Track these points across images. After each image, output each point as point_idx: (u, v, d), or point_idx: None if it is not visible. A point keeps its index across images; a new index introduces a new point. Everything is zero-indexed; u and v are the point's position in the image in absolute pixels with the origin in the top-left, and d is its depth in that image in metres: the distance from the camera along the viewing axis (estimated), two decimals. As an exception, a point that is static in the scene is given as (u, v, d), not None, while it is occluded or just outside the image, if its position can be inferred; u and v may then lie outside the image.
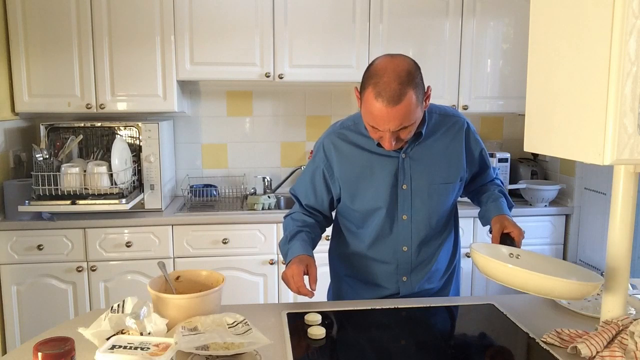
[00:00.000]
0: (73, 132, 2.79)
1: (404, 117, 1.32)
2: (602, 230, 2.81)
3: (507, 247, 1.45)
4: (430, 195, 1.53)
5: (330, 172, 1.59)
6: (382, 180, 1.52)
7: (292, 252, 1.53)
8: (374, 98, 1.32)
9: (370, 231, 1.58)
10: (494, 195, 1.62)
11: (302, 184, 1.67)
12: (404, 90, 1.30)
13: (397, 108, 1.30)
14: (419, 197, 1.53)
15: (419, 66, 1.39)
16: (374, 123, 1.36)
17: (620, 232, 1.21)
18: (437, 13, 2.96)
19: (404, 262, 1.59)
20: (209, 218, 2.75)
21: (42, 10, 2.70)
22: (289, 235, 1.59)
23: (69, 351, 0.99)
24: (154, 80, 2.81)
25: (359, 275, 1.66)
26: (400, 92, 1.29)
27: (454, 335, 1.38)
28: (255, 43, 2.86)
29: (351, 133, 1.56)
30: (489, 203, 1.61)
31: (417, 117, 1.37)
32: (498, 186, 1.69)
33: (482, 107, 3.08)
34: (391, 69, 1.32)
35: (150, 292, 1.29)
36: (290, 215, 1.68)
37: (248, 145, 3.30)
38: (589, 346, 1.16)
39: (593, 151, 1.00)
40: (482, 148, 1.63)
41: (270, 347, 1.20)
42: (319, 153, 1.61)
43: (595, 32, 0.99)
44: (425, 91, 1.39)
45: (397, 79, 1.30)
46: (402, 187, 1.52)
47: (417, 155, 1.51)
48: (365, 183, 1.54)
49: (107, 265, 2.69)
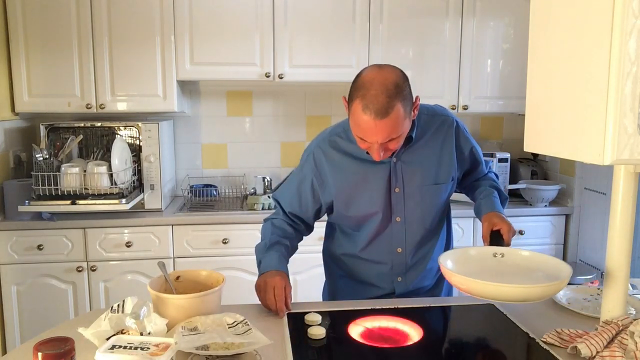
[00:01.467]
0: (73, 132, 2.79)
1: (391, 130, 1.32)
2: (602, 230, 2.81)
3: (493, 247, 1.45)
4: (423, 197, 1.54)
5: (320, 181, 1.56)
6: (375, 186, 1.52)
7: (269, 263, 1.51)
8: (361, 111, 1.30)
9: (364, 234, 1.58)
10: (486, 191, 1.63)
11: (287, 191, 1.65)
12: (392, 103, 1.29)
13: (385, 121, 1.30)
14: (412, 199, 1.53)
15: (407, 77, 1.39)
16: (362, 135, 1.35)
17: (620, 232, 1.21)
18: (437, 13, 2.96)
19: (399, 263, 1.59)
20: (209, 218, 2.75)
21: (42, 10, 2.71)
22: (267, 243, 1.57)
23: (69, 351, 0.99)
24: (154, 80, 2.81)
25: (353, 275, 1.66)
26: (388, 105, 1.29)
27: (454, 335, 1.38)
28: (255, 43, 2.86)
29: (342, 141, 1.55)
30: (481, 199, 1.62)
31: (405, 128, 1.37)
32: (491, 180, 1.69)
33: (482, 107, 3.08)
34: (379, 81, 1.31)
35: (150, 292, 1.29)
36: (272, 221, 1.65)
37: (248, 145, 3.30)
38: (589, 346, 1.16)
39: (593, 151, 1.00)
40: (472, 145, 1.61)
41: (270, 347, 1.20)
42: (308, 163, 1.58)
43: (595, 32, 0.99)
44: (413, 102, 1.39)
45: (385, 91, 1.29)
46: (395, 191, 1.52)
47: (408, 158, 1.52)
48: (359, 190, 1.53)
49: (107, 265, 2.69)
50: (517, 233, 1.53)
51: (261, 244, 1.60)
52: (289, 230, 1.63)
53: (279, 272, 1.48)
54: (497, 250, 1.44)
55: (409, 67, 2.99)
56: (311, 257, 2.21)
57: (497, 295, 1.21)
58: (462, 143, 1.58)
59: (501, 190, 1.66)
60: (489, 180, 1.69)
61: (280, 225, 1.63)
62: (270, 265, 1.51)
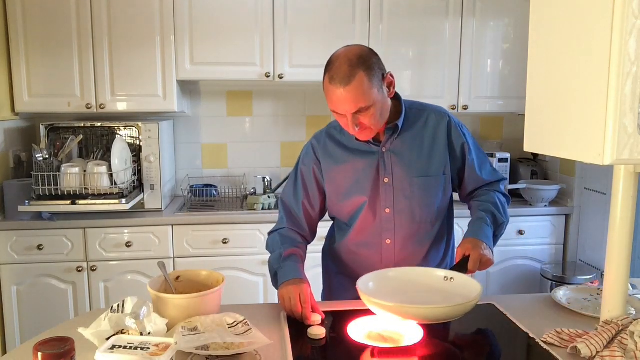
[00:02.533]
0: (73, 132, 2.79)
1: (357, 98, 1.37)
2: (602, 230, 2.81)
3: (447, 271, 1.45)
4: (412, 189, 1.54)
5: (319, 168, 1.61)
6: (364, 175, 1.55)
7: (289, 272, 1.48)
8: (329, 83, 1.39)
9: (355, 224, 1.59)
10: (478, 214, 1.56)
11: (291, 188, 1.66)
12: (354, 71, 1.36)
13: (349, 88, 1.36)
14: (401, 191, 1.54)
15: (376, 53, 1.44)
16: (334, 107, 1.42)
17: (620, 232, 1.21)
18: (437, 13, 2.96)
19: (388, 256, 1.58)
20: (209, 218, 2.75)
21: (42, 10, 2.71)
22: (282, 253, 1.55)
23: (69, 351, 0.99)
24: (154, 80, 2.81)
25: (346, 271, 1.66)
26: (350, 73, 1.36)
27: (454, 335, 1.38)
28: (255, 43, 2.86)
29: (336, 132, 1.61)
30: (471, 222, 1.56)
31: (375, 99, 1.40)
32: (493, 200, 1.59)
33: (482, 107, 3.08)
34: (343, 55, 1.39)
35: (150, 292, 1.29)
36: (278, 232, 1.64)
37: (248, 145, 3.30)
38: (589, 346, 1.16)
39: (593, 151, 1.00)
40: (464, 141, 1.58)
41: (270, 347, 1.20)
42: (307, 154, 1.64)
43: (595, 32, 0.99)
44: (384, 76, 1.43)
45: (347, 62, 1.37)
46: (384, 181, 1.54)
47: (398, 148, 1.54)
48: (349, 179, 1.56)
49: (107, 265, 2.69)
50: (492, 264, 1.49)
51: (274, 255, 1.58)
52: (298, 238, 1.63)
53: (302, 280, 1.46)
54: (448, 274, 1.43)
55: (409, 67, 3.00)
56: (311, 257, 2.17)
57: (403, 314, 1.25)
58: (454, 137, 1.57)
59: (499, 212, 1.57)
60: (489, 201, 1.59)
61: (288, 234, 1.63)
62: (291, 274, 1.48)
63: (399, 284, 1.43)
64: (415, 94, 2.99)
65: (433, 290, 1.42)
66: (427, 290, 1.42)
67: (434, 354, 1.25)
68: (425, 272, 1.49)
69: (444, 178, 1.57)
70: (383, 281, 1.43)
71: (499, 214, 1.57)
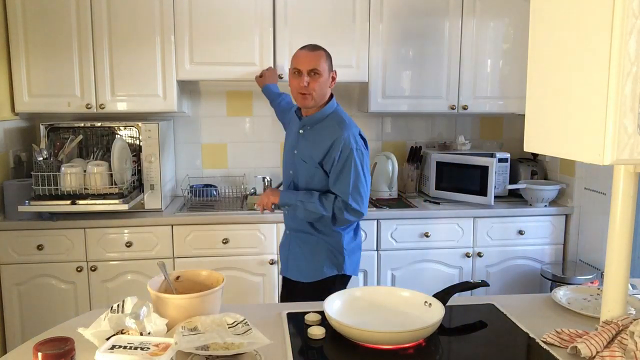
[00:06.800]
0: (73, 132, 2.79)
1: (316, 60, 1.99)
2: (602, 230, 2.81)
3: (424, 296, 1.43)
4: (302, 163, 2.09)
5: None
6: (289, 145, 2.19)
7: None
8: (299, 50, 2.04)
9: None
10: (309, 192, 2.06)
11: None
12: (318, 48, 2.04)
13: (313, 54, 2.01)
14: (300, 162, 2.10)
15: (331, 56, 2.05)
16: (296, 64, 2.01)
17: (620, 232, 1.21)
18: (437, 13, 2.96)
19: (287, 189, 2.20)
20: (209, 218, 2.75)
21: (42, 10, 2.71)
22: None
23: (69, 351, 0.99)
24: (153, 80, 2.81)
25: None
26: (315, 47, 2.04)
27: (454, 335, 1.38)
28: (255, 43, 2.86)
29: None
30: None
31: (324, 73, 2.00)
32: (323, 197, 2.02)
33: (482, 107, 3.08)
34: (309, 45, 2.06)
35: (150, 292, 1.29)
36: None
37: (248, 145, 3.30)
38: (589, 346, 1.16)
39: (593, 151, 1.00)
40: (335, 158, 1.97)
41: (270, 347, 1.20)
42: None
43: (595, 32, 0.99)
44: (332, 69, 2.06)
45: (314, 44, 2.06)
46: (294, 152, 2.13)
47: (306, 135, 2.10)
48: (287, 145, 2.24)
49: (107, 265, 2.69)
50: (269, 200, 2.09)
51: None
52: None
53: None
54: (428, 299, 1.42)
55: (409, 67, 3.00)
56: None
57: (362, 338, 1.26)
58: (334, 153, 1.99)
59: (312, 197, 2.02)
60: (322, 195, 2.04)
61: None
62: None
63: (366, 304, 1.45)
64: (415, 94, 2.99)
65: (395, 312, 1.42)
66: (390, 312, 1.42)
67: (433, 354, 1.26)
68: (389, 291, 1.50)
69: (318, 171, 2.05)
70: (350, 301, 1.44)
71: (312, 198, 2.02)
